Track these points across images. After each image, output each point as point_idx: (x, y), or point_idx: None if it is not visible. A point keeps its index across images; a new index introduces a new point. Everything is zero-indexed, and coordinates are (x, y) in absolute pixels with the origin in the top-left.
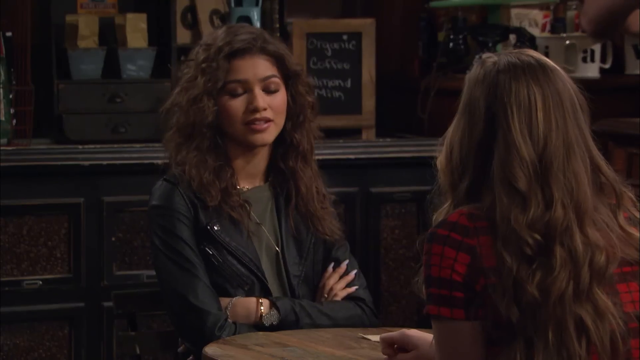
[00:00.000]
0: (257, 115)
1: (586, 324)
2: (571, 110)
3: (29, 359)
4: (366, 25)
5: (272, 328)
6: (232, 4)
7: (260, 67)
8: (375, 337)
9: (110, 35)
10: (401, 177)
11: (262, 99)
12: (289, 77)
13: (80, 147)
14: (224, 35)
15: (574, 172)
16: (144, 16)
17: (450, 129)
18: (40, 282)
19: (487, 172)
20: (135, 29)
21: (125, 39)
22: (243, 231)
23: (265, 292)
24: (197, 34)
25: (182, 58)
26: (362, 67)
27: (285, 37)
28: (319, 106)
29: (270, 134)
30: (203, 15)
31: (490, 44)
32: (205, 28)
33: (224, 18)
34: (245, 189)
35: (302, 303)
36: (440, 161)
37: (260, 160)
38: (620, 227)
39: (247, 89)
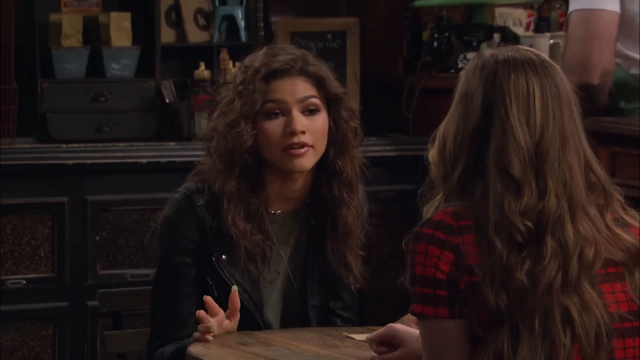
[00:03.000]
0: (295, 139)
1: (572, 315)
2: (567, 104)
3: (13, 358)
4: (351, 25)
5: None
6: (217, 3)
7: (298, 88)
8: (360, 336)
9: (94, 34)
10: (385, 176)
11: (299, 122)
12: (330, 100)
13: (64, 146)
14: (262, 56)
15: (569, 164)
16: (128, 15)
17: (444, 123)
18: (24, 282)
19: (480, 161)
20: (120, 28)
21: (110, 38)
22: (255, 275)
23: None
24: (181, 33)
25: (220, 81)
26: (346, 66)
27: (270, 36)
28: (362, 133)
29: (308, 159)
30: (187, 14)
31: (474, 43)
32: (190, 27)
33: (208, 17)
34: (277, 213)
35: None
36: (433, 154)
37: (299, 186)
38: (608, 227)
39: (285, 110)
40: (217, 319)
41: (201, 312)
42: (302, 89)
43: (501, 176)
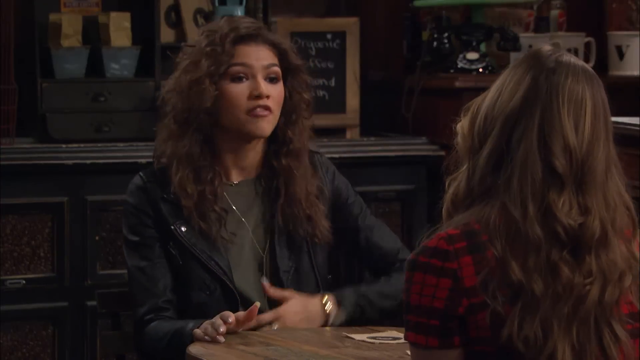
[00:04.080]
0: (260, 102)
1: (605, 341)
2: (610, 126)
3: (13, 358)
4: (350, 24)
5: None
6: (216, 3)
7: (264, 55)
8: (359, 336)
9: (93, 34)
10: (385, 176)
11: (265, 86)
12: (288, 71)
13: (63, 146)
14: (227, 23)
15: (613, 191)
16: (127, 15)
17: (481, 96)
18: (24, 282)
19: (513, 144)
20: (119, 28)
21: (109, 38)
22: (215, 237)
23: (231, 298)
24: (181, 33)
25: (183, 44)
26: (346, 66)
27: None
28: (313, 105)
29: (269, 124)
30: (187, 14)
31: (474, 43)
32: (189, 27)
33: (208, 17)
34: (233, 183)
35: (365, 293)
36: (463, 124)
37: (253, 154)
38: (633, 255)
39: (251, 75)
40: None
41: (224, 328)
42: (267, 56)
43: (543, 168)
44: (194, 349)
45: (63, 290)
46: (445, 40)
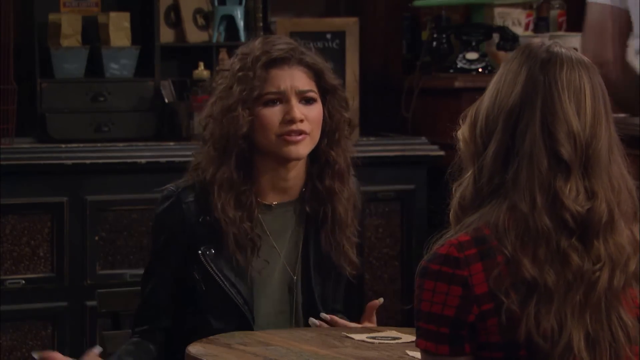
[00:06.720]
0: (293, 127)
1: (614, 326)
2: (610, 110)
3: (12, 358)
4: (350, 25)
5: None
6: (216, 3)
7: (297, 79)
8: (359, 336)
9: (93, 34)
10: (385, 176)
11: (298, 110)
12: (326, 91)
13: (63, 146)
14: (260, 45)
15: (616, 173)
16: (127, 15)
17: (478, 101)
18: (23, 282)
19: (518, 140)
20: (119, 28)
21: (109, 38)
22: (246, 267)
23: (247, 328)
24: (180, 33)
25: (217, 68)
26: (345, 66)
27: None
28: (354, 124)
29: (304, 147)
30: (186, 14)
31: (473, 43)
32: (189, 27)
33: (208, 17)
34: (272, 204)
35: None
36: (464, 131)
37: (293, 176)
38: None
39: (284, 99)
40: None
41: None
42: (301, 80)
43: (549, 157)
44: (193, 348)
45: (62, 290)
46: (445, 40)
